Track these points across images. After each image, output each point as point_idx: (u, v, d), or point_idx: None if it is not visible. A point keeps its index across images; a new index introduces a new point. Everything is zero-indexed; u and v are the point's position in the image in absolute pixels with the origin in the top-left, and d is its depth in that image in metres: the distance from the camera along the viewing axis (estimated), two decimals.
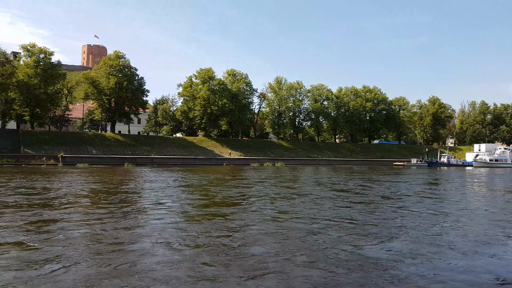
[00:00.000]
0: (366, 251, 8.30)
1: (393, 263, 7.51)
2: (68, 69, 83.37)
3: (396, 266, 7.32)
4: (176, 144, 61.82)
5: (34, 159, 45.75)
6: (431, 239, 9.66)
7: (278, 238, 9.38)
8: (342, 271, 6.97)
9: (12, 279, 6.59)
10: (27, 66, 53.59)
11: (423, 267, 7.26)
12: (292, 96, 78.36)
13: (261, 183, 26.21)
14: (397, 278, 6.67)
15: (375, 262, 7.53)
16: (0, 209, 13.12)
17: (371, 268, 7.14)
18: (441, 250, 8.48)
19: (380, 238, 9.55)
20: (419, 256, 7.97)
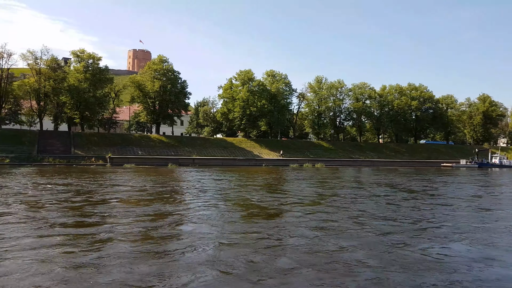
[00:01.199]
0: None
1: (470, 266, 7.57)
2: (115, 73, 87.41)
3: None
4: (216, 145, 62.88)
5: (84, 159, 48.20)
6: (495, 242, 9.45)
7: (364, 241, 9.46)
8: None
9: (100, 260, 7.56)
10: (77, 71, 56.77)
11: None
12: (333, 96, 77.00)
13: (325, 183, 26.60)
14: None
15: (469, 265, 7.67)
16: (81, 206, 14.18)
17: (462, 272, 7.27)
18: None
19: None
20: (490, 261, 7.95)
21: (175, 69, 64.51)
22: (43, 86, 53.49)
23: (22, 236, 9.53)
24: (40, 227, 10.68)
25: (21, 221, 11.48)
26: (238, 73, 69.84)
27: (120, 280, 6.57)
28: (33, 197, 16.69)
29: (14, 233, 9.79)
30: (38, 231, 10.26)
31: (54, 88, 53.97)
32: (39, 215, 12.52)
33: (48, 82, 53.62)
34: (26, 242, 8.97)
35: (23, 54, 54.43)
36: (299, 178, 31.88)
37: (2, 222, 11.26)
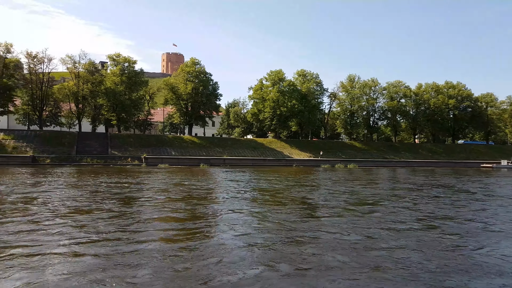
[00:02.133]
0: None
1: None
2: (150, 76, 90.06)
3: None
4: (247, 145, 63.25)
5: (120, 160, 49.93)
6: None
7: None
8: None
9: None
10: (114, 75, 58.92)
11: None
12: (366, 95, 75.38)
13: (375, 184, 26.61)
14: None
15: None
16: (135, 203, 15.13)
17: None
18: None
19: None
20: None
21: (206, 71, 65.57)
22: (81, 89, 55.96)
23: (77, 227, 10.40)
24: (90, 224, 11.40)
25: (80, 212, 12.87)
26: (268, 74, 69.99)
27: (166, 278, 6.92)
28: (84, 195, 17.90)
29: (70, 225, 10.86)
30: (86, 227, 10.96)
31: (92, 91, 56.33)
32: (87, 214, 13.45)
33: (86, 85, 56.05)
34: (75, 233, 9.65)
35: (62, 58, 57.28)
36: (347, 179, 31.73)
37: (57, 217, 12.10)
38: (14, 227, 10.58)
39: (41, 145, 49.51)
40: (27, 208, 13.65)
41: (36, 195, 17.36)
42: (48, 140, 51.00)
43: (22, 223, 11.19)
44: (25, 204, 14.53)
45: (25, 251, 8.30)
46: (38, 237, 9.55)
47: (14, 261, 7.67)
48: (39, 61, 54.76)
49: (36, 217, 11.97)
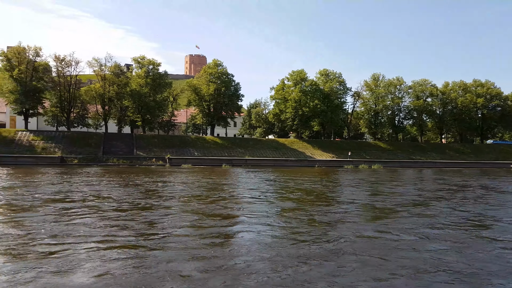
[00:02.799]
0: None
1: None
2: (173, 78, 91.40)
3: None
4: (268, 146, 63.18)
5: (145, 160, 50.85)
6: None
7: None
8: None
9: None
10: (139, 77, 60.09)
11: None
12: (391, 94, 73.95)
13: (414, 185, 26.56)
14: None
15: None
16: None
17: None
18: None
19: None
20: None
21: (228, 72, 65.95)
22: (107, 91, 57.35)
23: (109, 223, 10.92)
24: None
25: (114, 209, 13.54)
26: (290, 74, 69.71)
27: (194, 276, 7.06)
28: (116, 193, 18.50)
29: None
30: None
31: (118, 93, 57.64)
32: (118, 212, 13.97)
33: (112, 87, 57.40)
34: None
35: (89, 61, 58.86)
36: (381, 179, 31.49)
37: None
38: (97, 222, 11.68)
39: (69, 146, 50.99)
40: (99, 206, 14.56)
41: (98, 193, 18.69)
42: (76, 141, 52.48)
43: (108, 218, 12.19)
44: (95, 202, 15.63)
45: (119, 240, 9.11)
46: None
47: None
48: (67, 64, 56.52)
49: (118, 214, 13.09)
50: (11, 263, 7.53)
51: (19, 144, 49.30)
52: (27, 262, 7.60)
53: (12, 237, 9.62)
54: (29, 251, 8.33)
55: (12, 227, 10.81)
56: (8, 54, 52.87)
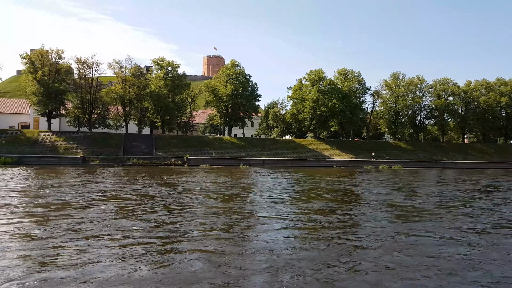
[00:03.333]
0: None
1: None
2: (192, 79, 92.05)
3: None
4: (286, 146, 62.94)
5: (165, 160, 51.41)
6: None
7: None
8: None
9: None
10: (158, 78, 60.85)
11: None
12: (411, 93, 72.70)
13: (442, 186, 26.28)
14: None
15: None
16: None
17: None
18: None
19: None
20: None
21: (246, 73, 66.05)
22: (127, 92, 58.28)
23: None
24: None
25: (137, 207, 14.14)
26: (308, 73, 69.29)
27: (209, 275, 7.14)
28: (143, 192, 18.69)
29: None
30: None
31: (138, 94, 58.52)
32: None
33: (132, 89, 58.31)
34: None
35: (109, 63, 59.95)
36: (409, 180, 31.12)
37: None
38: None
39: (90, 146, 52.02)
40: (152, 205, 15.14)
41: (142, 191, 19.57)
42: (97, 142, 53.50)
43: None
44: (148, 201, 16.30)
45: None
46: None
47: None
48: (88, 66, 57.73)
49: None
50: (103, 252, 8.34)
51: (42, 144, 50.60)
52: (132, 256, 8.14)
53: (110, 232, 10.25)
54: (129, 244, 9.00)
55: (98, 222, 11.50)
56: (31, 57, 54.39)
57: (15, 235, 9.80)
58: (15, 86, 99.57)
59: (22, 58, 54.65)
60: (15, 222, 11.33)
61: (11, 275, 6.75)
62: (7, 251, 8.23)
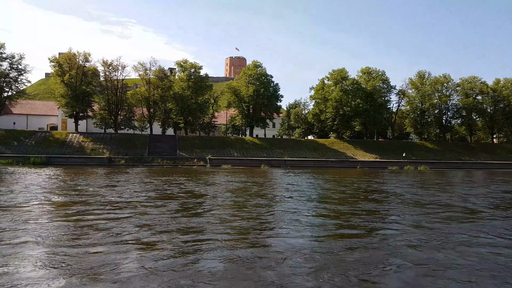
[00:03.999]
0: None
1: None
2: (214, 80, 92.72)
3: None
4: (308, 146, 62.50)
5: (187, 160, 52.00)
6: None
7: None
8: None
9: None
10: (181, 80, 61.64)
11: None
12: (438, 92, 70.90)
13: (482, 187, 25.93)
14: None
15: None
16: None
17: None
18: None
19: None
20: None
21: (267, 73, 66.05)
22: (152, 94, 59.31)
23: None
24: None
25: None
26: (330, 73, 68.59)
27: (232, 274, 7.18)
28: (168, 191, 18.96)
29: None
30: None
31: (162, 96, 59.47)
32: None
33: (156, 91, 59.30)
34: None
35: (134, 66, 61.23)
36: (448, 182, 30.54)
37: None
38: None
39: (116, 147, 53.20)
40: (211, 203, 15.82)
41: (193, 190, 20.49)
42: (123, 142, 54.67)
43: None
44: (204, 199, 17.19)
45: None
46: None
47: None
48: (114, 68, 59.10)
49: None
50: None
51: (70, 145, 52.14)
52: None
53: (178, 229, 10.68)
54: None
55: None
56: (59, 60, 56.17)
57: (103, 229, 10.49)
58: (44, 89, 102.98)
59: (51, 61, 56.57)
60: (93, 218, 12.10)
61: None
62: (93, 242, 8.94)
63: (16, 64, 55.38)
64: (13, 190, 18.61)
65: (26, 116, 68.65)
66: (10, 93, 56.71)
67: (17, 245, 8.56)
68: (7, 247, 8.43)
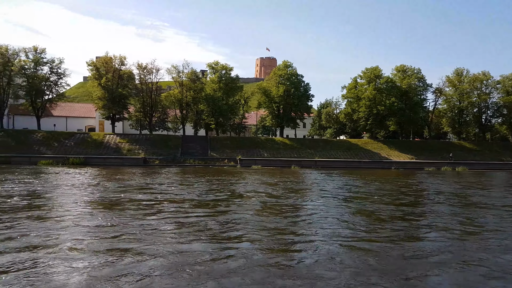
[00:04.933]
0: None
1: None
2: (244, 81, 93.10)
3: None
4: (339, 146, 61.51)
5: (218, 161, 52.56)
6: None
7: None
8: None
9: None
10: (212, 82, 62.46)
11: None
12: (477, 90, 67.74)
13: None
14: None
15: None
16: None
17: None
18: None
19: None
20: None
21: (298, 73, 65.59)
22: (184, 96, 60.43)
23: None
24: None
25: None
26: (363, 71, 67.13)
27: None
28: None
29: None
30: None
31: (194, 98, 60.47)
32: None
33: (189, 93, 60.38)
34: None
35: (168, 68, 62.65)
36: (498, 183, 29.55)
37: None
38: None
39: (150, 148, 54.54)
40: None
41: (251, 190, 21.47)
42: (157, 143, 56.00)
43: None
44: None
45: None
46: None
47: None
48: (149, 71, 60.67)
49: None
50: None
51: (107, 146, 53.99)
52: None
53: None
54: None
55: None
56: (97, 64, 58.32)
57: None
58: (82, 92, 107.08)
59: (88, 65, 58.88)
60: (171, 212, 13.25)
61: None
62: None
63: (56, 68, 57.97)
64: (137, 191, 20.18)
65: (65, 118, 71.62)
66: (50, 96, 59.43)
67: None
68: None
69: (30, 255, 8.03)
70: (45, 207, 14.36)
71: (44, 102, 58.84)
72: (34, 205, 14.73)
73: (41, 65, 56.92)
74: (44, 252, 8.30)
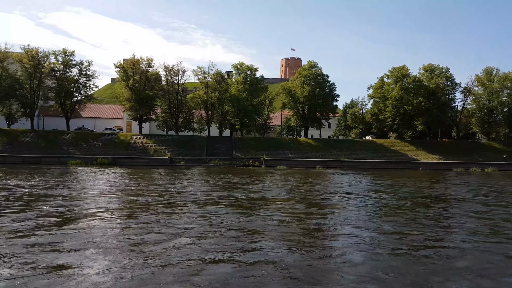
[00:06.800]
0: None
1: None
2: (269, 82, 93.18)
3: None
4: (365, 147, 60.73)
5: (243, 161, 52.78)
6: None
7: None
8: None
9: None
10: (237, 82, 62.83)
11: None
12: (507, 89, 65.56)
13: None
14: None
15: None
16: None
17: None
18: None
19: None
20: None
21: (323, 73, 65.12)
22: (210, 97, 61.03)
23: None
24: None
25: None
26: (390, 71, 66.03)
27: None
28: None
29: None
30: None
31: (219, 99, 60.99)
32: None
33: (214, 94, 60.94)
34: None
35: (194, 70, 63.40)
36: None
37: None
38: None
39: (176, 148, 55.34)
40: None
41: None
42: (183, 144, 56.76)
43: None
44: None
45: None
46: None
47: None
48: (175, 73, 61.61)
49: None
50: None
51: (134, 146, 55.09)
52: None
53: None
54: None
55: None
56: (124, 66, 59.63)
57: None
58: (110, 93, 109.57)
59: (116, 67, 60.33)
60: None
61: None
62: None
63: (85, 70, 59.52)
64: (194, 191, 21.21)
65: (94, 119, 73.53)
66: (79, 98, 61.04)
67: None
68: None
69: (64, 255, 8.64)
70: (84, 208, 14.98)
71: (73, 104, 60.37)
72: (73, 206, 15.39)
73: (70, 67, 58.48)
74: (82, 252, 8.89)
